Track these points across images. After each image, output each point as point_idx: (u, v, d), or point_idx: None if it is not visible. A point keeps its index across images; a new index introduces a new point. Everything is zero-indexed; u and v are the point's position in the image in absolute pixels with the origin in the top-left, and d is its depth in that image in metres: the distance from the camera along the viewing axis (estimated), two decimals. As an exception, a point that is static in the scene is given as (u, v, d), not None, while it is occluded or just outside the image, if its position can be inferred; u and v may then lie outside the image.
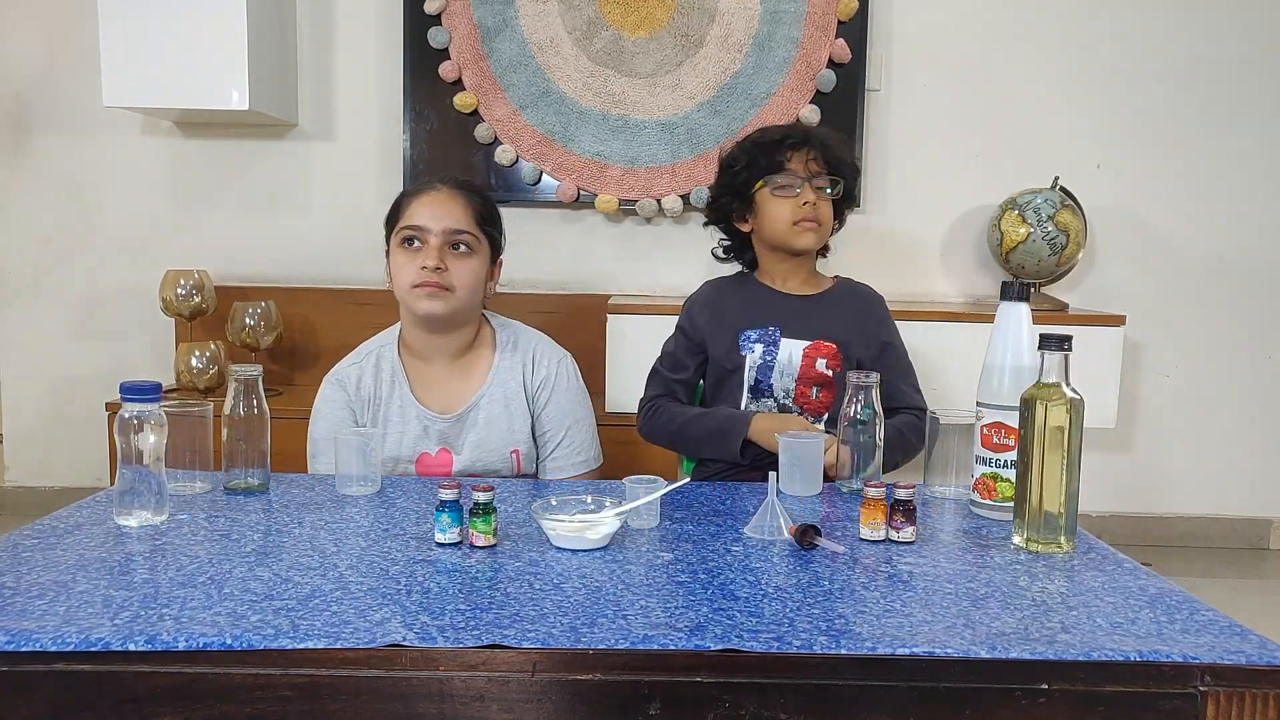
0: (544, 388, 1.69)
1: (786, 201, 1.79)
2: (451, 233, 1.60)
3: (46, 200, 3.16)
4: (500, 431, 1.65)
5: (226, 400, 1.42)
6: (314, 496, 1.42)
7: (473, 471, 1.64)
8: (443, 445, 1.65)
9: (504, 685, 0.90)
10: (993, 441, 1.34)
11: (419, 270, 1.57)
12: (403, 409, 1.65)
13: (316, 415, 1.69)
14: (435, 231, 1.59)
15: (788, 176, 1.79)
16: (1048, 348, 1.22)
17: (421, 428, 1.65)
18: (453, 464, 1.65)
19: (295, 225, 3.16)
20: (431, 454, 1.65)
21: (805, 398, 1.79)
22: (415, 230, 1.59)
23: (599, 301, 2.91)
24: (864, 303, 1.88)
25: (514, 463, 1.67)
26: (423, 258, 1.58)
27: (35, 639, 0.90)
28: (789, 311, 1.82)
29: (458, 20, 3.00)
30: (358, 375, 1.67)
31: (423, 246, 1.59)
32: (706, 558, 1.17)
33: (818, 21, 3.00)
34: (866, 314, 1.86)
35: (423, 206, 1.60)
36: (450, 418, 1.65)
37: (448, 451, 1.65)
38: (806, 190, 1.78)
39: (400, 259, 1.60)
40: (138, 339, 3.17)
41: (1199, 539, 3.25)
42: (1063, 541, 1.21)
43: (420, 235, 1.59)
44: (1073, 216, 2.86)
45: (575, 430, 1.71)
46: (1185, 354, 3.19)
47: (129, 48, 2.75)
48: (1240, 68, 3.10)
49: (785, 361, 1.78)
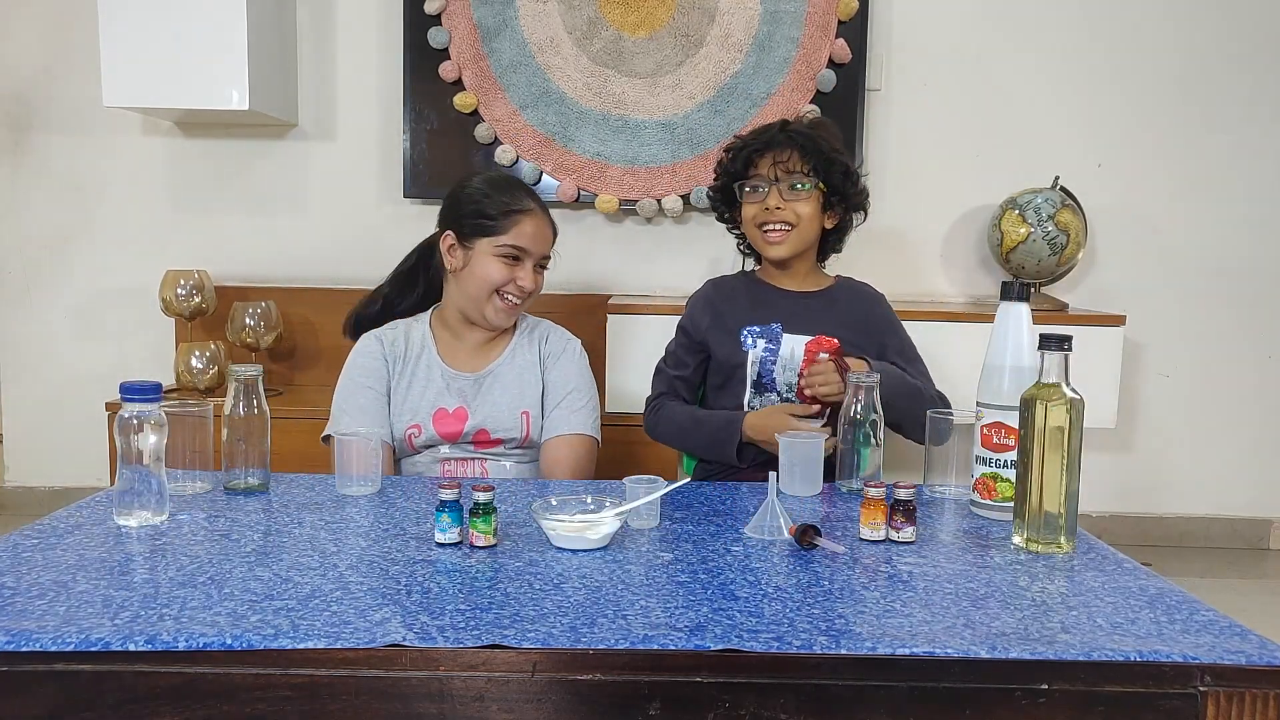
0: (553, 357, 1.84)
1: (753, 206, 1.80)
2: (544, 257, 1.82)
3: (46, 200, 3.16)
4: (512, 394, 1.79)
5: (226, 400, 1.42)
6: (314, 496, 1.42)
7: (483, 429, 1.76)
8: (461, 403, 1.78)
9: (504, 685, 0.90)
10: (993, 441, 1.34)
11: (513, 284, 1.77)
12: (429, 366, 1.81)
13: (349, 367, 1.81)
14: (535, 255, 1.79)
15: (755, 180, 1.80)
16: (1048, 348, 1.22)
17: (444, 384, 1.79)
18: (467, 420, 1.77)
19: (295, 225, 3.16)
20: (449, 410, 1.77)
21: None
22: (520, 250, 1.77)
23: (599, 301, 2.91)
24: (864, 302, 1.89)
25: (523, 426, 1.78)
26: (519, 274, 1.77)
27: (35, 639, 0.90)
28: (790, 309, 1.82)
29: (458, 20, 3.00)
30: (393, 336, 1.83)
31: (520, 265, 1.77)
32: (706, 558, 1.17)
33: (818, 21, 3.00)
34: (867, 313, 1.87)
35: (529, 228, 1.77)
36: (470, 376, 1.80)
37: (464, 409, 1.77)
38: (772, 194, 1.77)
39: (494, 265, 1.76)
40: (138, 339, 3.17)
41: (1199, 539, 3.25)
42: (1063, 542, 1.21)
43: (522, 255, 1.77)
44: (1073, 216, 2.86)
45: (576, 395, 1.81)
46: (1185, 354, 3.19)
47: (129, 48, 2.75)
48: (1240, 68, 3.10)
49: (788, 356, 1.79)
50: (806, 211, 1.78)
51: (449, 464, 1.77)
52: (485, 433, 1.77)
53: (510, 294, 1.76)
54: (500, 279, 1.75)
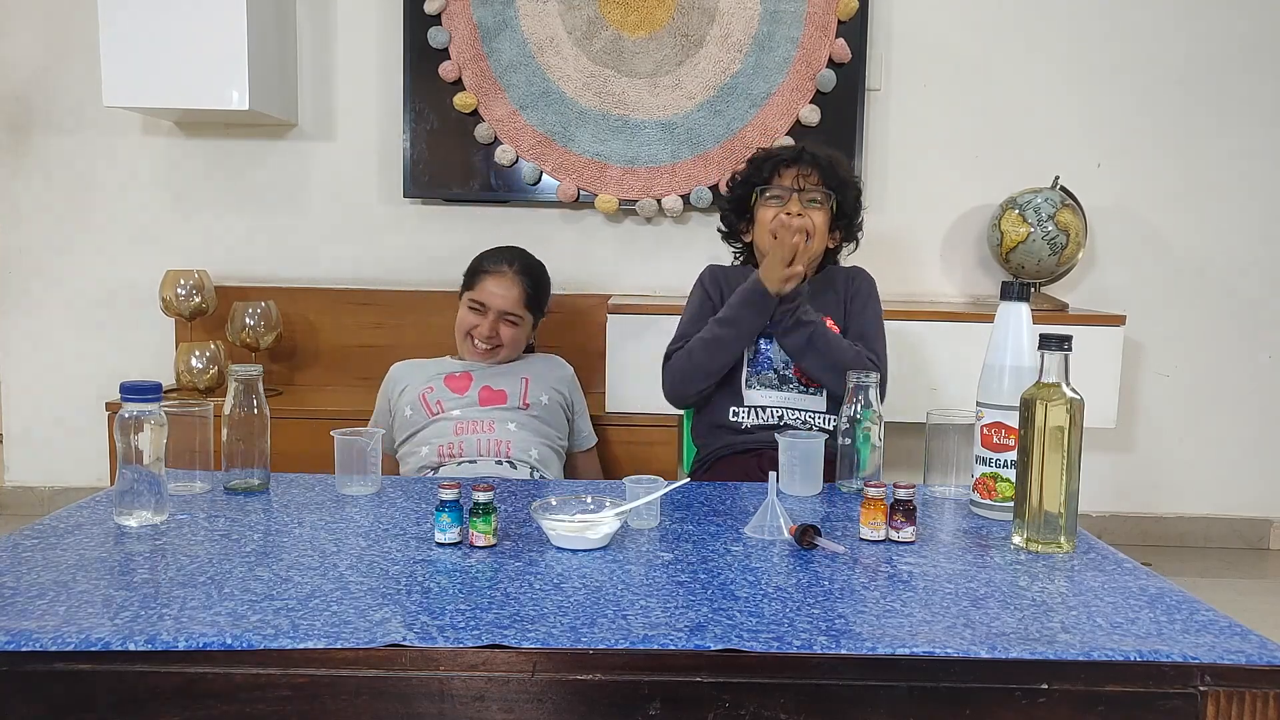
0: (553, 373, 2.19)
1: (771, 209, 1.94)
2: (504, 313, 2.11)
3: (46, 200, 3.16)
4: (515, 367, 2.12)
5: (226, 400, 1.42)
6: (314, 496, 1.42)
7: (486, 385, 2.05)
8: (467, 370, 2.09)
9: (504, 685, 0.90)
10: (993, 441, 1.35)
11: (478, 332, 2.10)
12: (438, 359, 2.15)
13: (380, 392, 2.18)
14: (494, 309, 2.10)
15: (778, 189, 1.94)
16: (1048, 348, 1.22)
17: (452, 360, 2.13)
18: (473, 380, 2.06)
19: (295, 225, 3.16)
20: (456, 374, 2.07)
21: (803, 371, 1.87)
22: (479, 305, 2.11)
23: (599, 301, 2.91)
24: (847, 277, 2.01)
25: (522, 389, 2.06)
26: (483, 326, 2.10)
27: (35, 639, 0.90)
28: None
29: (458, 20, 3.00)
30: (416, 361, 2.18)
31: (483, 315, 2.10)
32: (706, 558, 1.17)
33: (818, 21, 3.00)
34: (847, 284, 1.98)
35: (491, 286, 2.11)
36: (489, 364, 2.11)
37: (470, 374, 2.07)
38: (793, 201, 1.91)
39: (465, 314, 2.14)
40: (138, 339, 3.17)
41: (1199, 539, 3.25)
42: (1063, 541, 1.21)
43: (482, 309, 2.11)
44: (1073, 216, 2.86)
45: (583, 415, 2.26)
46: (1185, 354, 3.19)
47: (129, 48, 2.74)
48: (1240, 68, 3.10)
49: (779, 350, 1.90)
50: (820, 222, 1.92)
51: (460, 425, 1.97)
52: (488, 387, 2.04)
53: (477, 339, 2.09)
54: (466, 325, 2.11)
